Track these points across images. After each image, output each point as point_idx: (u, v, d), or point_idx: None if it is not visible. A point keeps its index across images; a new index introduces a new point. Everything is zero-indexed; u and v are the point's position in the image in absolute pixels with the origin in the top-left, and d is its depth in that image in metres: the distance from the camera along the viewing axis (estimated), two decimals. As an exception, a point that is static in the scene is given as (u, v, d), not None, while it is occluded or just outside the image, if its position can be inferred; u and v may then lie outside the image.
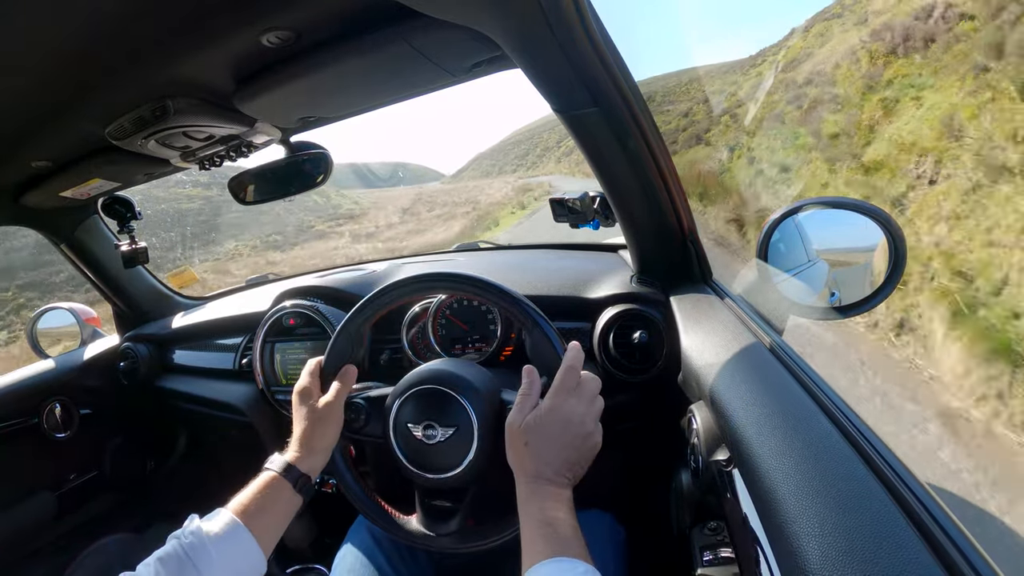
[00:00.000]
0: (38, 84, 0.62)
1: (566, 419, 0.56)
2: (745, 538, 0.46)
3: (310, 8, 0.55)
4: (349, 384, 0.67)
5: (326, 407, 0.64)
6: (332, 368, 0.67)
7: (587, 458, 0.57)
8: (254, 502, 0.57)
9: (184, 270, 1.58)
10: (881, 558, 0.31)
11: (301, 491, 0.60)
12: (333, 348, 0.68)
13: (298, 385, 0.66)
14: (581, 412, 0.57)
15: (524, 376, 0.61)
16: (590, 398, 0.58)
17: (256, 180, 1.02)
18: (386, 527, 0.66)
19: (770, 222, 0.76)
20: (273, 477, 0.59)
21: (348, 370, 0.67)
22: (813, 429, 0.44)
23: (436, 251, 1.58)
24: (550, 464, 0.55)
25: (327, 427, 0.63)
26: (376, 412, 0.66)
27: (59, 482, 1.27)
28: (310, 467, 0.61)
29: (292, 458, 0.61)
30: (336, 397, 0.64)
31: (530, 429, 0.56)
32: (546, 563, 0.46)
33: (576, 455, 0.56)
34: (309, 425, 0.63)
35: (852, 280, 0.77)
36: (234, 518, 0.54)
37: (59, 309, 1.48)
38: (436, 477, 0.62)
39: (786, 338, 0.70)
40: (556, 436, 0.56)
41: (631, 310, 0.86)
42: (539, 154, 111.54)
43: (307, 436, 0.62)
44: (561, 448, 0.55)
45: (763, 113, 10.00)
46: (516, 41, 0.57)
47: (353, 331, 0.68)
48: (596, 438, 0.58)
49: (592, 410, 0.58)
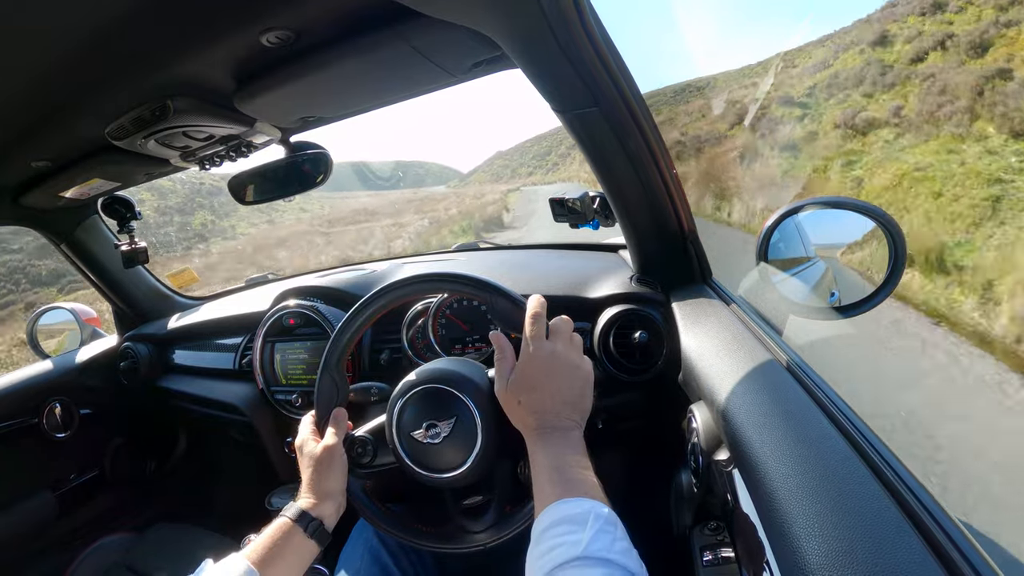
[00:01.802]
0: (38, 84, 0.62)
1: (547, 363, 0.56)
2: (745, 538, 0.46)
3: (310, 8, 0.55)
4: (343, 424, 0.68)
5: (326, 452, 0.64)
6: (324, 414, 0.69)
7: (584, 392, 0.57)
8: (267, 549, 0.57)
9: (184, 270, 1.58)
10: (881, 558, 0.31)
11: (314, 536, 0.60)
12: (320, 395, 0.69)
13: (298, 440, 0.67)
14: (560, 351, 0.57)
15: (492, 342, 0.61)
16: (566, 337, 0.59)
17: (256, 180, 1.02)
18: (436, 546, 0.66)
19: (770, 222, 0.76)
20: (286, 524, 0.59)
21: (337, 413, 0.68)
22: (813, 429, 0.44)
23: (436, 251, 1.59)
24: (548, 411, 0.55)
25: (332, 470, 0.64)
26: (381, 442, 0.67)
27: (59, 482, 1.27)
28: (321, 512, 0.61)
29: (304, 505, 0.61)
30: (334, 439, 0.65)
31: (516, 386, 0.57)
32: (552, 506, 0.46)
33: (571, 393, 0.56)
34: (314, 471, 0.64)
35: (852, 280, 0.77)
36: (249, 566, 0.55)
37: (59, 309, 1.48)
38: (451, 475, 0.61)
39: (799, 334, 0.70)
40: (543, 383, 0.56)
41: (631, 310, 0.86)
42: (562, 153, 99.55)
43: (315, 482, 0.63)
44: (553, 392, 0.56)
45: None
46: (516, 41, 0.57)
47: (333, 368, 0.69)
48: (585, 368, 0.58)
49: (572, 347, 0.58)
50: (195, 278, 1.60)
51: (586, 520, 0.44)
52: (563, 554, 0.42)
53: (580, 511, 0.45)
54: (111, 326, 1.51)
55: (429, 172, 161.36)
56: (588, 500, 0.46)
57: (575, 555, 0.41)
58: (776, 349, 0.61)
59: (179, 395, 1.31)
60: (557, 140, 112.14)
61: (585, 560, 0.41)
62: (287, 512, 0.61)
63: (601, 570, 0.40)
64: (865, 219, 0.71)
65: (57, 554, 1.23)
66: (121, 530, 1.35)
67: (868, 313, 0.70)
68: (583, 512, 0.45)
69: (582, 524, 0.44)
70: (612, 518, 0.45)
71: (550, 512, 0.46)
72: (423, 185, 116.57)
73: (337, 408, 0.68)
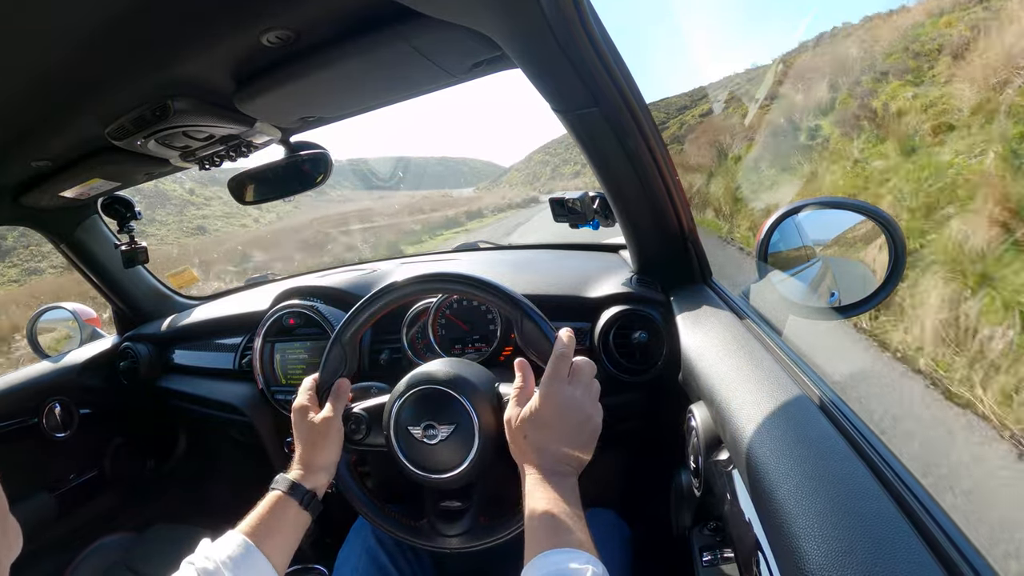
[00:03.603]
0: (38, 84, 0.62)
1: (562, 407, 0.56)
2: (745, 538, 0.46)
3: (310, 8, 0.55)
4: (344, 398, 0.67)
5: (324, 423, 0.64)
6: (327, 383, 0.68)
7: (589, 443, 0.57)
8: (263, 522, 0.57)
9: (184, 270, 1.58)
10: (881, 558, 0.31)
11: (308, 508, 0.60)
12: (326, 363, 0.68)
13: (296, 404, 0.67)
14: (577, 397, 0.57)
15: (516, 370, 0.61)
16: (586, 382, 0.58)
17: (256, 180, 1.02)
18: (400, 534, 0.67)
19: (770, 222, 0.76)
20: (279, 496, 0.60)
21: (341, 384, 0.67)
22: (813, 429, 0.44)
23: (436, 251, 1.59)
24: (552, 454, 0.55)
25: (328, 443, 0.64)
26: (376, 422, 0.67)
27: (59, 482, 1.27)
28: (315, 484, 0.62)
29: (296, 476, 0.61)
30: (333, 412, 0.65)
31: (527, 422, 0.56)
32: (546, 554, 0.46)
33: (577, 441, 0.56)
34: (310, 442, 0.63)
35: (852, 280, 0.77)
36: (246, 540, 0.55)
37: (59, 309, 1.48)
38: (439, 477, 0.62)
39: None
40: (554, 425, 0.55)
41: (631, 310, 0.86)
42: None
43: (309, 453, 0.63)
44: (561, 436, 0.55)
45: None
46: (516, 41, 0.57)
47: (345, 342, 0.68)
48: (596, 420, 0.58)
49: (589, 394, 0.58)
50: (195, 278, 1.60)
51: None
52: None
53: (576, 566, 0.44)
54: (111, 327, 1.51)
55: (473, 170, 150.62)
56: (583, 554, 0.46)
57: None
58: (776, 349, 0.61)
59: (179, 395, 1.31)
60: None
61: None
62: (279, 485, 0.61)
63: None
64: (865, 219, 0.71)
65: (57, 554, 1.23)
66: (121, 530, 1.35)
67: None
68: (579, 568, 0.44)
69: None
70: (600, 572, 0.45)
71: (544, 560, 0.46)
72: (457, 186, 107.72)
73: (341, 379, 0.68)
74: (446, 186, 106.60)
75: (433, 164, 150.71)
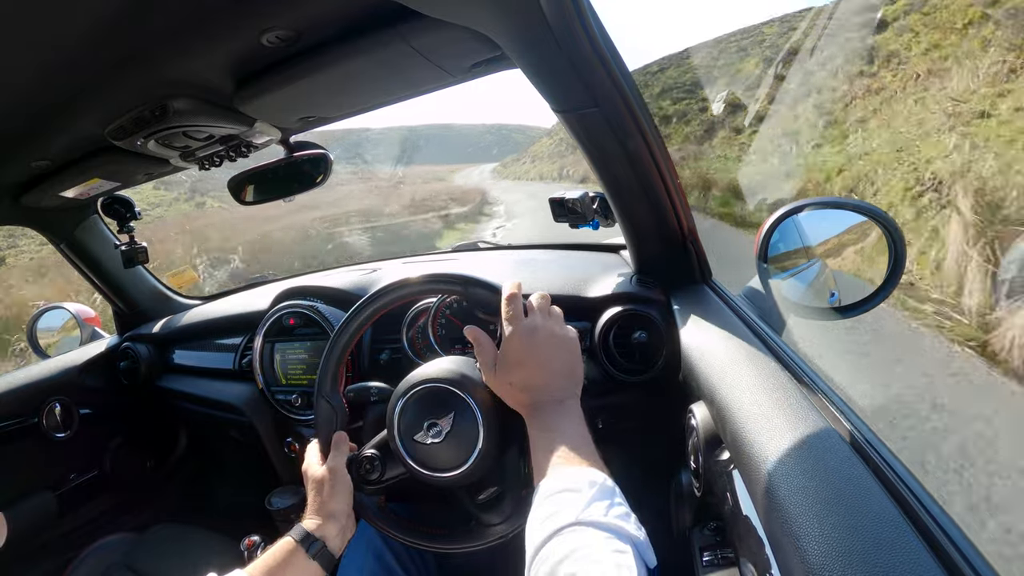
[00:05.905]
0: (38, 84, 0.62)
1: (529, 339, 0.56)
2: (745, 538, 0.46)
3: (310, 8, 0.55)
4: (343, 448, 0.69)
5: (328, 473, 0.65)
6: (326, 439, 0.69)
7: (572, 360, 0.57)
8: (270, 568, 0.58)
9: (184, 270, 1.58)
10: (881, 558, 0.31)
11: (316, 558, 0.60)
12: (319, 421, 0.70)
13: (304, 465, 0.69)
14: (541, 325, 0.57)
15: (468, 337, 0.62)
16: (545, 310, 0.59)
17: (256, 180, 1.02)
18: (460, 547, 0.66)
19: (770, 222, 0.76)
20: (290, 544, 0.60)
21: (337, 438, 0.69)
22: (813, 429, 0.44)
23: (435, 251, 1.59)
24: (540, 384, 0.55)
25: (335, 491, 0.64)
26: (388, 455, 0.67)
27: (59, 482, 1.27)
28: (324, 533, 0.62)
29: (308, 525, 0.62)
30: (337, 462, 0.66)
31: (502, 368, 0.57)
32: (549, 476, 0.47)
33: (560, 363, 0.56)
34: (318, 493, 0.65)
35: (852, 280, 0.77)
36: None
37: (59, 309, 1.48)
38: (452, 475, 0.61)
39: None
40: (529, 357, 0.56)
41: (631, 310, 0.86)
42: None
43: (319, 503, 0.64)
44: (541, 364, 0.56)
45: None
46: (516, 41, 0.57)
47: (327, 394, 0.69)
48: (570, 336, 0.58)
49: (552, 319, 0.59)
50: (195, 278, 1.60)
51: (582, 487, 0.45)
52: (560, 520, 0.42)
53: (577, 479, 0.45)
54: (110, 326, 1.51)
55: (528, 137, 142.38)
56: (585, 467, 0.46)
57: (571, 520, 0.42)
58: (776, 349, 0.61)
59: (179, 395, 1.31)
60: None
61: (581, 525, 0.42)
62: (292, 533, 0.62)
63: (597, 535, 0.41)
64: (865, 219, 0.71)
65: (57, 554, 1.22)
66: (121, 530, 1.35)
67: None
68: (580, 480, 0.45)
69: (579, 491, 0.44)
70: (609, 484, 0.46)
71: (548, 481, 0.47)
72: (505, 156, 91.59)
73: (337, 432, 0.69)
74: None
75: (482, 132, 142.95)
